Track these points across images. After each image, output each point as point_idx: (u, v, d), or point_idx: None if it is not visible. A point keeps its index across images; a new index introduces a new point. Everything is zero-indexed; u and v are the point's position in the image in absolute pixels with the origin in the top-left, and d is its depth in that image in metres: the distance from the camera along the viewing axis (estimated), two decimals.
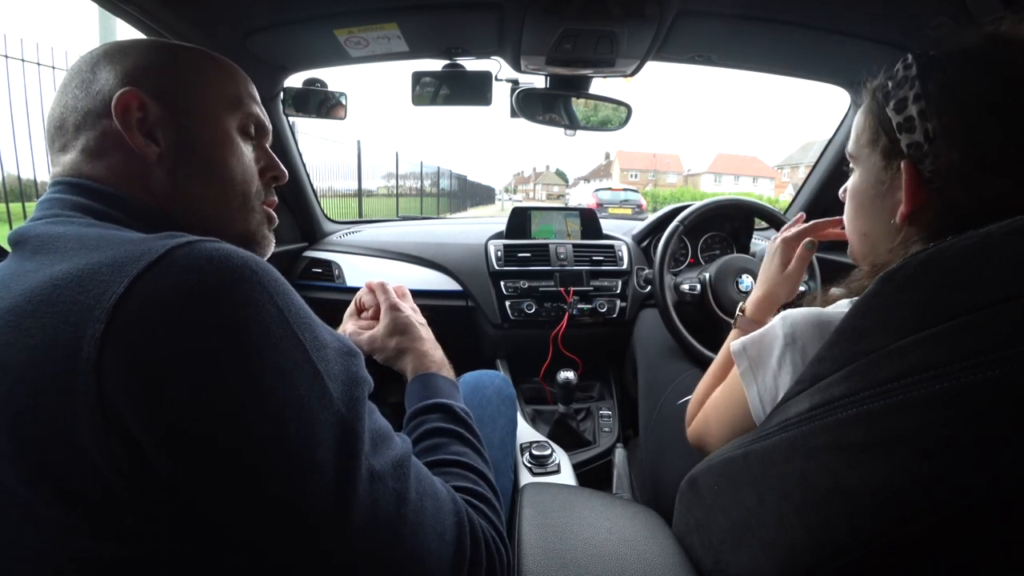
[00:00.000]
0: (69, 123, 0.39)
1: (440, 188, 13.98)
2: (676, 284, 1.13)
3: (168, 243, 0.28)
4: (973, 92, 0.39)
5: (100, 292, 0.26)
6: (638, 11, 0.81)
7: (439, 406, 0.49)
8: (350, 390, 0.32)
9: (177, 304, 0.26)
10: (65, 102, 0.40)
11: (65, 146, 0.40)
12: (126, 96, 0.38)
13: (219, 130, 0.43)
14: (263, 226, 0.47)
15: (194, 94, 0.42)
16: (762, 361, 0.47)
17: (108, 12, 0.75)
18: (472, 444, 0.47)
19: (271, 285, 0.30)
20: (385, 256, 1.40)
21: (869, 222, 0.48)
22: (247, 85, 0.46)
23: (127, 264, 0.27)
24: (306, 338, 0.30)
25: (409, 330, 0.58)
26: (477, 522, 0.37)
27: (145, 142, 0.39)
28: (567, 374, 1.16)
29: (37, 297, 0.28)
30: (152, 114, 0.39)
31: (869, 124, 0.47)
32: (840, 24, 0.87)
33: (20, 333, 0.27)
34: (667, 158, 57.16)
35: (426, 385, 0.52)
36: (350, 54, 0.98)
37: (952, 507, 0.27)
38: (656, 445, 0.94)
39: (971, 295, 0.28)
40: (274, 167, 0.48)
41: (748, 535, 0.40)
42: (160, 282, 0.27)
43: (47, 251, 0.31)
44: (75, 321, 0.26)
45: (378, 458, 0.32)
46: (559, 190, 31.29)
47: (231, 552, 0.30)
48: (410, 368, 0.56)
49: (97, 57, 0.40)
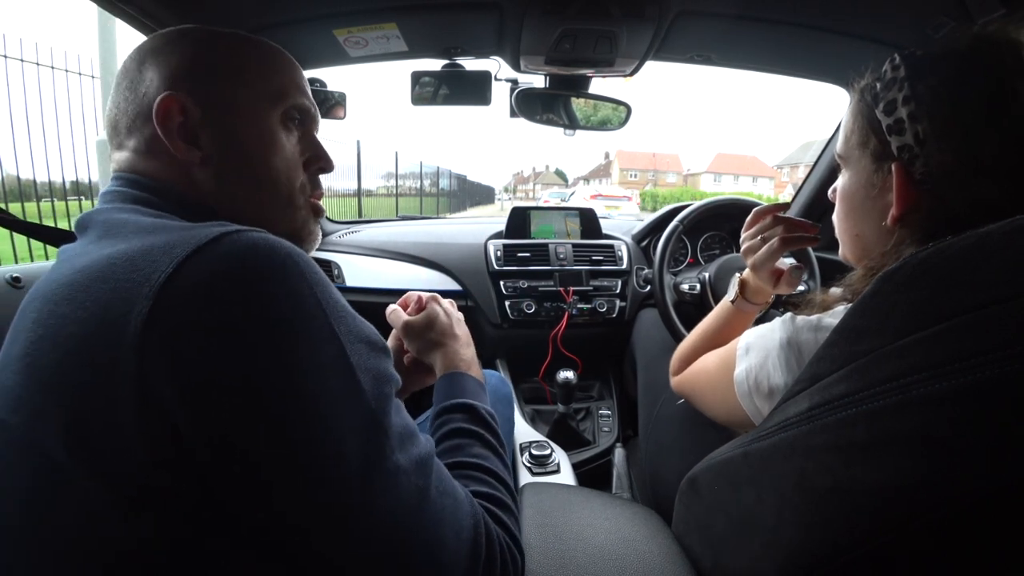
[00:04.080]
0: (121, 125, 0.41)
1: (440, 188, 13.97)
2: (676, 284, 1.13)
3: (217, 230, 0.29)
4: (964, 94, 0.38)
5: (150, 272, 0.27)
6: (637, 11, 0.81)
7: (464, 406, 0.49)
8: (380, 385, 0.33)
9: (219, 287, 0.27)
10: (117, 103, 0.41)
11: (120, 145, 0.42)
12: (166, 101, 0.38)
13: (261, 128, 0.42)
14: (309, 221, 0.47)
15: (236, 92, 0.41)
16: (760, 348, 0.48)
17: (108, 12, 0.75)
18: (493, 447, 0.47)
19: (311, 276, 0.30)
20: (385, 256, 1.40)
21: (861, 224, 0.48)
22: (292, 73, 0.45)
23: (177, 247, 0.28)
24: (341, 331, 0.31)
25: (446, 327, 0.59)
26: (492, 527, 0.37)
27: (187, 148, 0.40)
28: (567, 374, 1.16)
29: (93, 273, 0.29)
30: (193, 117, 0.40)
31: (858, 126, 0.46)
32: (839, 24, 0.87)
33: (74, 306, 0.28)
34: (667, 158, 57.16)
35: (453, 384, 0.52)
36: (349, 54, 0.98)
37: (952, 507, 0.27)
38: (655, 445, 0.94)
39: (971, 294, 0.28)
40: (321, 157, 0.47)
41: (747, 534, 0.40)
42: (205, 266, 0.28)
43: (110, 236, 0.33)
44: (125, 297, 0.27)
45: (403, 454, 0.33)
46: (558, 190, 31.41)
47: (252, 541, 0.30)
48: (440, 364, 0.56)
49: (144, 55, 0.41)
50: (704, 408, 0.61)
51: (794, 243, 0.61)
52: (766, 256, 0.62)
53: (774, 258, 0.62)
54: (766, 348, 0.47)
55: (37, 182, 3.50)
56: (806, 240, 0.62)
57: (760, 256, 0.63)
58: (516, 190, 57.73)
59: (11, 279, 0.68)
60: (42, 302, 0.30)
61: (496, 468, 0.44)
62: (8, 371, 0.30)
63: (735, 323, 0.69)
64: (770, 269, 0.63)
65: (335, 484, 0.29)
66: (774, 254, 0.62)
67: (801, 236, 0.61)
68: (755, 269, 0.65)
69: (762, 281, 0.65)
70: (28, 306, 0.32)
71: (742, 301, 0.69)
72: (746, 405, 0.49)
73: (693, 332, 0.75)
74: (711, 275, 1.08)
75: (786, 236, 0.61)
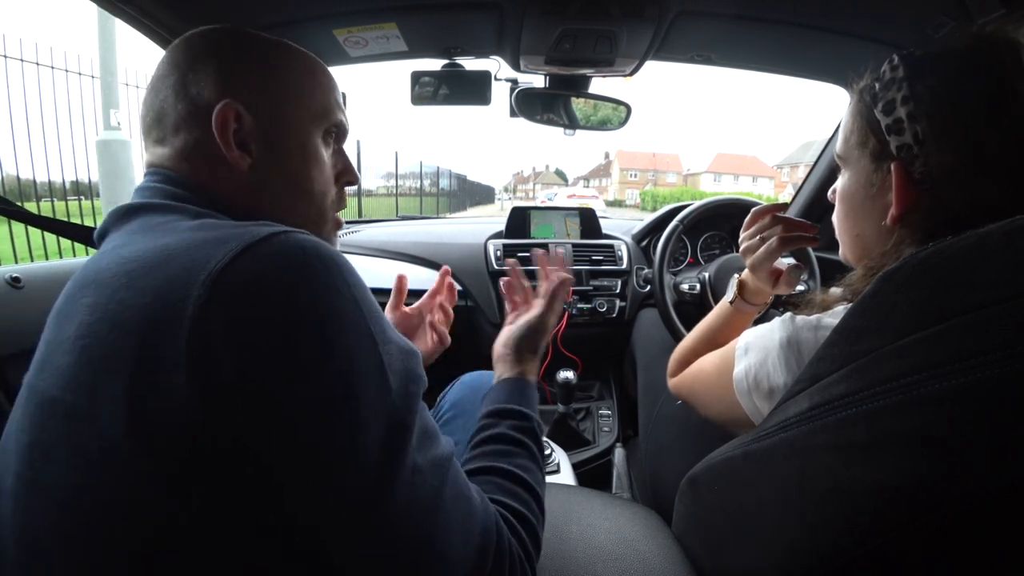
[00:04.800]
0: (168, 122, 0.42)
1: (440, 188, 13.97)
2: (676, 284, 1.13)
3: (267, 230, 0.32)
4: (963, 94, 0.38)
5: (205, 262, 0.29)
6: (637, 11, 0.81)
7: (524, 415, 0.49)
8: (407, 385, 0.34)
9: (271, 282, 0.29)
10: (165, 97, 0.42)
11: (163, 139, 0.42)
12: (225, 110, 0.40)
13: (307, 143, 0.45)
14: (332, 233, 0.50)
15: (285, 106, 0.44)
16: (760, 347, 0.48)
17: (107, 12, 0.75)
18: (538, 462, 0.47)
19: (350, 277, 0.33)
20: (384, 256, 1.40)
21: (861, 224, 0.48)
22: (335, 92, 0.48)
23: (230, 241, 0.30)
24: (375, 330, 0.33)
25: (546, 335, 0.60)
26: (507, 536, 0.38)
27: (240, 154, 0.41)
28: (567, 374, 1.16)
29: (148, 262, 0.31)
30: (247, 125, 0.42)
31: (858, 126, 0.47)
32: (839, 24, 0.87)
33: (132, 292, 0.30)
34: (667, 158, 57.18)
35: (524, 392, 0.53)
36: (349, 54, 0.97)
37: (951, 507, 0.27)
38: (655, 445, 0.94)
39: (971, 294, 0.28)
40: (349, 171, 0.51)
41: (747, 534, 0.40)
42: (258, 261, 0.30)
43: (156, 229, 0.35)
44: (183, 285, 0.29)
45: (422, 453, 0.34)
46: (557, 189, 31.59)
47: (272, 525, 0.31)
48: (516, 366, 0.57)
49: (198, 53, 0.42)
50: (702, 409, 0.61)
51: (792, 243, 0.61)
52: (764, 256, 0.62)
53: (772, 258, 0.62)
54: (766, 348, 0.47)
55: (37, 182, 3.50)
56: (805, 240, 0.62)
57: (759, 256, 0.63)
58: (516, 190, 57.77)
59: (11, 279, 0.68)
60: (95, 287, 0.32)
61: (535, 484, 0.44)
62: (60, 351, 0.31)
63: (734, 324, 0.69)
64: (768, 269, 0.63)
65: (354, 474, 0.30)
66: (772, 254, 0.62)
67: (800, 236, 0.61)
68: (754, 269, 0.65)
69: (761, 281, 0.65)
70: (76, 292, 0.33)
71: (741, 302, 0.69)
72: (745, 405, 0.49)
73: (691, 333, 0.75)
74: (711, 275, 1.08)
75: (785, 236, 0.61)
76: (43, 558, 0.30)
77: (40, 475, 0.30)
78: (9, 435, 0.33)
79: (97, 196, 3.66)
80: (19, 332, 0.63)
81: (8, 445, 0.33)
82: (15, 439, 0.32)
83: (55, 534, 0.30)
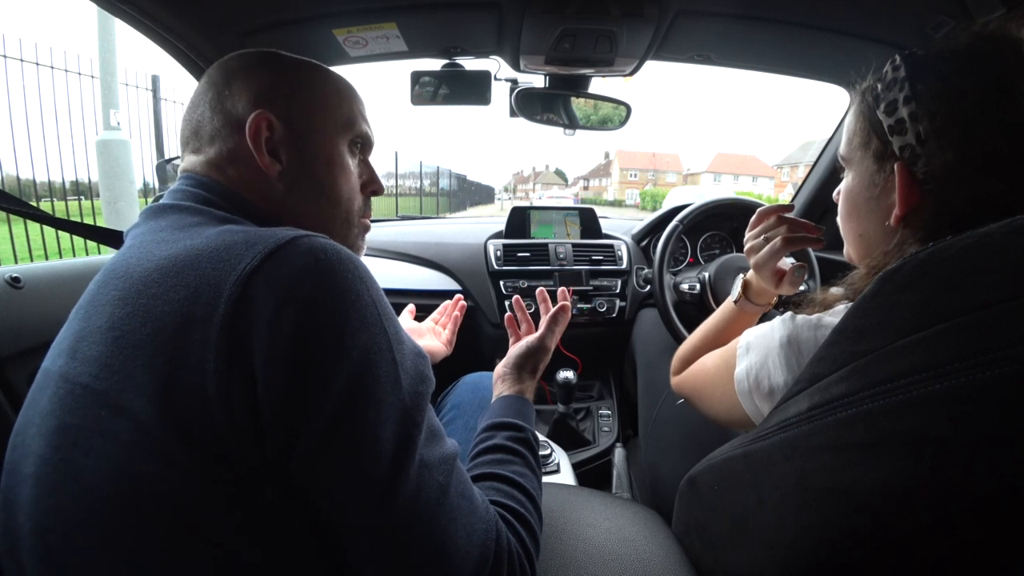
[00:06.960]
0: (204, 133, 0.45)
1: (440, 188, 13.97)
2: (676, 283, 1.13)
3: (291, 234, 0.34)
4: (964, 93, 0.38)
5: (236, 262, 0.32)
6: (637, 11, 0.81)
7: (519, 427, 0.52)
8: (416, 384, 0.36)
9: (296, 281, 0.32)
10: (202, 112, 0.45)
11: (199, 149, 0.45)
12: (258, 118, 0.43)
13: (334, 151, 0.47)
14: (359, 239, 0.53)
15: (314, 117, 0.46)
16: (761, 346, 0.48)
17: (107, 12, 0.75)
18: (534, 469, 0.49)
19: (368, 280, 0.35)
20: (384, 256, 1.40)
21: (864, 224, 0.48)
22: (360, 105, 0.50)
23: (258, 243, 0.33)
24: (390, 331, 0.35)
25: (546, 357, 0.63)
26: (506, 536, 0.38)
27: (271, 161, 0.44)
28: (566, 374, 1.16)
29: (181, 261, 0.33)
30: (277, 134, 0.44)
31: (860, 127, 0.47)
32: (839, 23, 0.87)
33: (166, 288, 0.32)
34: (666, 157, 57.19)
35: (520, 408, 0.55)
36: (349, 54, 0.97)
37: (952, 507, 0.27)
38: (655, 445, 0.94)
39: (971, 295, 0.28)
40: (374, 181, 0.53)
41: (747, 534, 0.40)
42: (284, 262, 0.32)
43: (187, 229, 0.37)
44: (215, 283, 0.31)
45: (429, 450, 0.35)
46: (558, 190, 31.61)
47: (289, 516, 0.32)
48: (517, 384, 0.59)
49: (233, 71, 0.45)
50: (704, 408, 0.61)
51: (797, 243, 0.62)
52: (768, 256, 0.63)
53: (776, 258, 0.63)
54: (766, 347, 0.47)
55: (37, 182, 3.50)
56: (809, 240, 0.62)
57: (763, 256, 0.63)
58: (516, 190, 57.75)
59: (11, 279, 0.68)
60: (126, 282, 0.34)
61: (531, 488, 0.46)
62: (89, 342, 0.33)
63: (737, 324, 0.70)
64: (772, 269, 0.64)
65: (369, 465, 0.31)
66: (776, 254, 0.62)
67: (804, 236, 0.62)
68: (757, 269, 0.65)
69: (764, 281, 0.65)
70: (106, 285, 0.35)
71: (745, 302, 0.69)
72: (746, 404, 0.49)
73: (695, 333, 0.75)
74: (711, 275, 1.08)
75: (789, 236, 0.62)
76: (70, 540, 0.31)
77: (69, 458, 0.31)
78: (30, 422, 0.34)
79: (97, 196, 3.66)
80: (19, 332, 0.63)
81: (28, 430, 0.34)
82: (38, 424, 0.33)
83: (85, 515, 0.31)
